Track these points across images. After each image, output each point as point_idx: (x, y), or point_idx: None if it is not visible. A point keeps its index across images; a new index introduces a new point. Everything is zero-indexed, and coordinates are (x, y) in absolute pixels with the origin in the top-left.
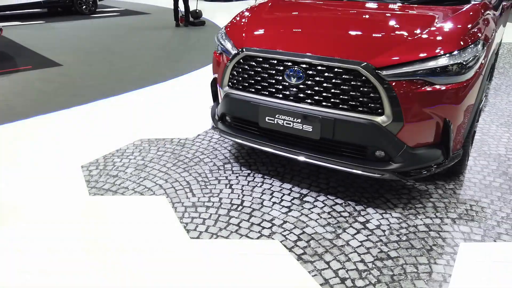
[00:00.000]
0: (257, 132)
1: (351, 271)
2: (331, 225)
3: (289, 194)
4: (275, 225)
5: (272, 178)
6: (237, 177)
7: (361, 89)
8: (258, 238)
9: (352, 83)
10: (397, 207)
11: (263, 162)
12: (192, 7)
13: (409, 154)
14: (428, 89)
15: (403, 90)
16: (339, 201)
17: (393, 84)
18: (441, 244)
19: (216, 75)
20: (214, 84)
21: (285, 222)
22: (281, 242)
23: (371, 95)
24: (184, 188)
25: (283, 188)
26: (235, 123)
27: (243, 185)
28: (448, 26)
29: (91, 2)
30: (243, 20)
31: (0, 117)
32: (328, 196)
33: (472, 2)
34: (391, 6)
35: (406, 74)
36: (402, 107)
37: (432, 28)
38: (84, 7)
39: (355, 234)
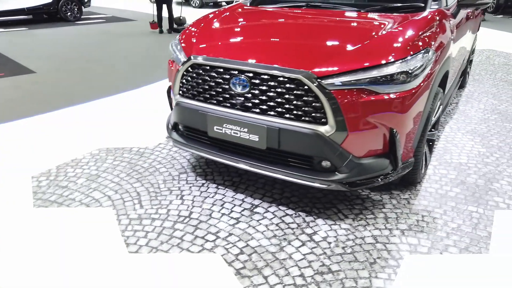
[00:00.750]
0: (207, 141)
1: (288, 286)
2: (277, 237)
3: (240, 205)
4: (220, 238)
5: (226, 189)
6: (190, 187)
7: (304, 98)
8: (199, 252)
9: (295, 92)
10: (347, 218)
11: (220, 171)
12: (176, 14)
13: (355, 164)
14: (372, 98)
15: (346, 99)
16: (290, 212)
17: (336, 93)
18: (385, 257)
19: (171, 83)
20: (169, 92)
21: (230, 234)
22: (222, 255)
23: (314, 104)
24: (133, 199)
25: (235, 198)
26: (187, 132)
27: (194, 196)
28: (395, 34)
29: (76, 9)
30: (196, 28)
31: None
32: (279, 207)
33: (428, 10)
34: (343, 14)
35: (348, 83)
36: (346, 117)
37: (379, 37)
38: (69, 13)
39: (300, 246)
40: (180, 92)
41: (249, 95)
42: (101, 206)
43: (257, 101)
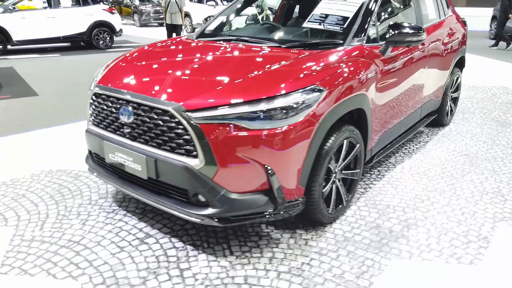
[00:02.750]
0: (109, 168)
1: None
2: (149, 269)
3: (134, 234)
4: (92, 266)
5: (133, 217)
6: (99, 213)
7: (175, 130)
8: (63, 278)
9: (168, 124)
10: (232, 255)
11: (136, 199)
12: None
13: (228, 200)
14: (242, 133)
15: (214, 133)
16: (178, 244)
17: (204, 127)
18: None
19: None
20: None
21: (105, 263)
22: (82, 284)
23: (185, 137)
24: (38, 221)
25: (135, 227)
26: (97, 159)
27: (97, 222)
28: (279, 70)
29: (108, 38)
30: (116, 60)
31: None
32: (172, 239)
33: (344, 47)
34: (255, 49)
35: (217, 117)
36: (214, 151)
37: (263, 73)
38: (101, 42)
39: (164, 281)
40: (90, 119)
41: (134, 125)
42: (5, 226)
43: (140, 131)
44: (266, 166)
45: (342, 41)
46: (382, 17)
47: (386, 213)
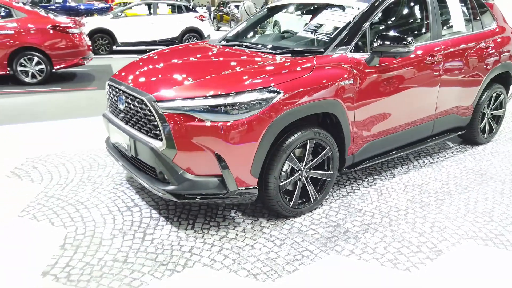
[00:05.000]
0: (115, 147)
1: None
2: (121, 230)
3: (126, 203)
4: (83, 220)
5: (133, 189)
6: (109, 183)
7: (148, 117)
8: (58, 226)
9: (143, 111)
10: (192, 229)
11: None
12: None
13: (185, 179)
14: (197, 124)
15: (175, 121)
16: (155, 215)
17: (167, 115)
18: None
19: None
20: None
21: (92, 220)
22: (68, 232)
23: (154, 123)
24: (63, 184)
25: (129, 197)
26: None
27: (104, 190)
28: (243, 72)
29: (195, 40)
30: (136, 60)
31: None
32: (152, 210)
33: (324, 55)
34: (243, 54)
35: (177, 108)
36: (174, 136)
37: (227, 72)
38: None
39: (127, 240)
40: (108, 107)
41: (125, 111)
42: (39, 184)
43: (128, 116)
44: (217, 154)
45: (323, 50)
46: (380, 28)
47: (354, 216)
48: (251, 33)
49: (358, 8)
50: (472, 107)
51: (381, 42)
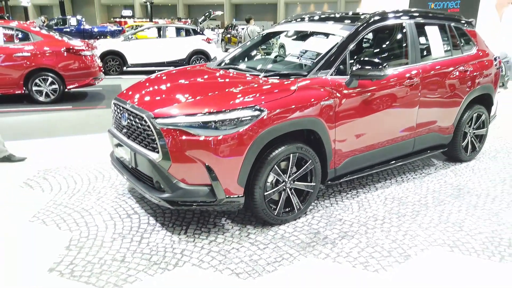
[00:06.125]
0: (118, 160)
1: None
2: (120, 234)
3: (126, 211)
4: (86, 225)
5: (134, 199)
6: (112, 193)
7: (147, 132)
8: (64, 230)
9: (143, 127)
10: (185, 234)
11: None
12: None
13: (178, 188)
14: (190, 138)
15: (170, 136)
16: (152, 222)
17: (163, 130)
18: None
19: None
20: None
21: (95, 225)
22: (73, 235)
23: (152, 137)
24: (71, 193)
25: (130, 206)
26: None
27: (107, 199)
28: (232, 92)
29: (202, 62)
30: (138, 81)
31: None
32: (150, 217)
33: (307, 77)
34: (236, 76)
35: (173, 124)
36: (169, 149)
37: (217, 93)
38: None
39: (126, 243)
40: (113, 123)
41: (127, 126)
42: (49, 193)
43: (130, 131)
44: (207, 166)
45: (306, 73)
46: (361, 53)
47: (334, 224)
48: (246, 57)
49: (341, 36)
50: (453, 126)
51: (359, 66)
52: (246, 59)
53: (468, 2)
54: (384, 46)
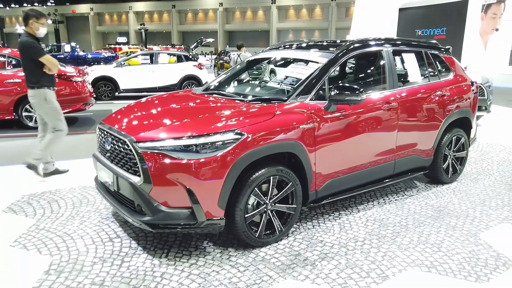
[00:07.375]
0: (102, 184)
1: None
2: (101, 258)
3: (109, 234)
4: (68, 249)
5: (117, 223)
6: (96, 217)
7: (129, 156)
8: (45, 254)
9: (125, 151)
10: (166, 257)
11: None
12: None
13: (159, 211)
14: (170, 161)
15: (151, 159)
16: (134, 245)
17: (144, 154)
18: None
19: None
20: None
21: (77, 249)
22: (54, 259)
23: (133, 161)
24: (54, 218)
25: (113, 230)
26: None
27: (90, 223)
28: (214, 117)
29: (193, 87)
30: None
31: None
32: (132, 241)
33: (287, 102)
34: (219, 101)
35: (154, 148)
36: (150, 173)
37: (199, 117)
38: None
39: (106, 266)
40: (97, 147)
41: (111, 150)
42: (32, 218)
43: (114, 155)
44: (188, 188)
45: (286, 98)
46: (339, 79)
47: (315, 246)
48: (231, 83)
49: (320, 62)
50: (433, 148)
51: (337, 92)
52: (231, 85)
53: (453, 30)
54: (363, 72)
